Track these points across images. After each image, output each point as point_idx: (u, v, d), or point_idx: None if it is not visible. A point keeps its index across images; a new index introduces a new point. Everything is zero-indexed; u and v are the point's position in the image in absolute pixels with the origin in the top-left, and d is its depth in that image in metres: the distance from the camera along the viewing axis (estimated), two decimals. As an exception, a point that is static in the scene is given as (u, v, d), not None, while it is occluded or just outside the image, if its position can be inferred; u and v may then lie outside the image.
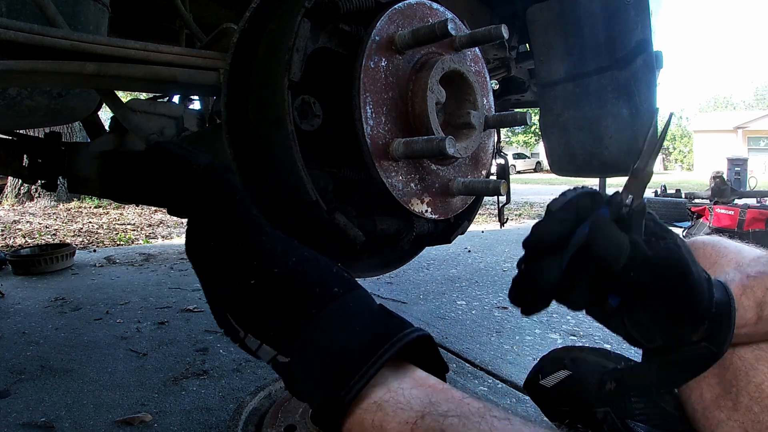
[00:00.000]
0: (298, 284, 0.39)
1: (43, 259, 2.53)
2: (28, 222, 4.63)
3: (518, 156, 29.27)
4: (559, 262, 0.46)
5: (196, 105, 1.37)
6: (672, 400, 0.66)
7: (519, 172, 26.07)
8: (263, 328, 0.39)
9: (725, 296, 0.51)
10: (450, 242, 0.62)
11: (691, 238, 0.74)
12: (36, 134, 1.45)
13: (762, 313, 0.53)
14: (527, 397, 1.14)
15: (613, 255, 0.45)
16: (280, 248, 0.41)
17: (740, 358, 0.56)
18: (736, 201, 5.10)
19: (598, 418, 0.66)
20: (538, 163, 28.43)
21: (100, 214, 5.22)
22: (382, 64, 0.50)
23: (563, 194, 0.49)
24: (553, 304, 0.49)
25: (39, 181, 1.29)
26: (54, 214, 5.16)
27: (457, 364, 1.44)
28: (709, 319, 0.49)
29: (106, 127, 1.31)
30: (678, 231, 4.74)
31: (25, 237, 3.85)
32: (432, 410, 0.33)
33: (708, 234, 3.45)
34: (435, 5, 0.57)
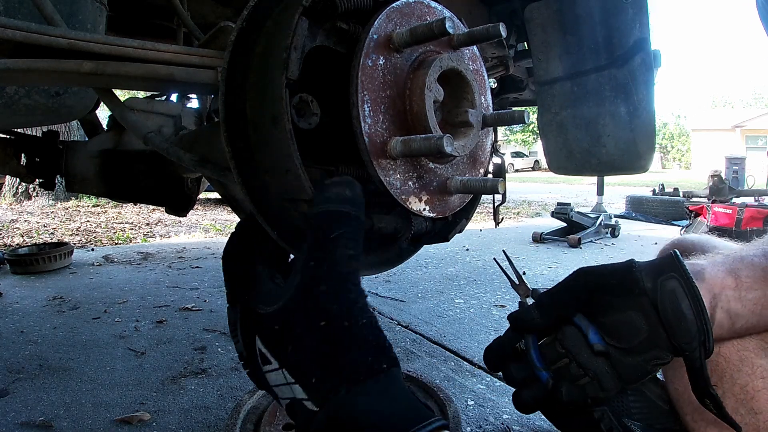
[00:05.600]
0: (360, 344, 0.41)
1: (41, 258, 2.53)
2: (26, 221, 4.62)
3: (516, 154, 29.28)
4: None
5: (193, 103, 1.37)
6: (668, 398, 0.66)
7: (517, 171, 26.10)
8: (305, 372, 0.40)
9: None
10: (448, 240, 0.62)
11: (679, 237, 0.74)
12: (34, 133, 1.44)
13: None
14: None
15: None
16: (360, 303, 0.42)
17: (725, 359, 0.55)
18: (734, 200, 5.11)
19: (595, 417, 0.66)
20: (536, 161, 28.45)
21: (98, 213, 5.21)
22: (380, 62, 0.49)
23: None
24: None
25: (37, 180, 1.29)
26: (52, 213, 5.15)
27: (455, 363, 1.44)
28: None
29: (104, 126, 1.31)
30: (676, 230, 4.74)
31: (23, 236, 3.84)
32: None
33: (706, 233, 3.46)
34: (433, 3, 0.57)
